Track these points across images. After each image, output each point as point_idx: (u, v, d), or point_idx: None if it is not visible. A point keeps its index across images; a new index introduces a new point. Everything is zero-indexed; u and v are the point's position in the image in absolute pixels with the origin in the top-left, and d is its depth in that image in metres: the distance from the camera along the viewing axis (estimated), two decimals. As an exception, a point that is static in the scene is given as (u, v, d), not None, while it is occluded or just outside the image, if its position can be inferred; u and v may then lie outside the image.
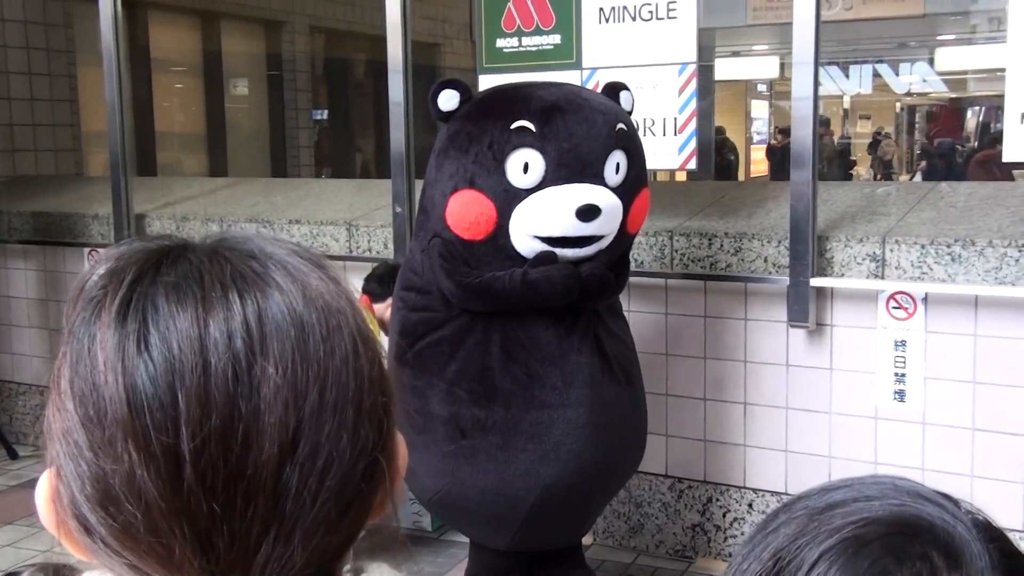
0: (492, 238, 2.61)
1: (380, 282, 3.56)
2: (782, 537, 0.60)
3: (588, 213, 2.57)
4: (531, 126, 2.58)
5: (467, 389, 2.67)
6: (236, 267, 0.65)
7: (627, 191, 2.70)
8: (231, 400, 0.61)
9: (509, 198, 2.58)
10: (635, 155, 2.74)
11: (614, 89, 2.85)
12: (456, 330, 2.71)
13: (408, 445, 0.73)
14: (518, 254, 2.63)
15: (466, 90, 2.72)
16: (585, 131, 2.61)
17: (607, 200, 2.61)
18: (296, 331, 0.64)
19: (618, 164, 2.67)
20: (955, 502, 0.62)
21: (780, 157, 13.23)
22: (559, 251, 2.62)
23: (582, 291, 2.65)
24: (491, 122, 2.62)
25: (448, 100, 2.70)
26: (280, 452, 0.61)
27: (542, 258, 2.62)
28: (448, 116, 2.71)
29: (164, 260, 0.66)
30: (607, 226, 2.64)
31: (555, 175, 2.58)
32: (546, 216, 2.58)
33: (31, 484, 4.13)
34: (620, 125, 2.69)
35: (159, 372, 0.61)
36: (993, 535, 0.60)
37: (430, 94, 2.72)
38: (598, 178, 2.63)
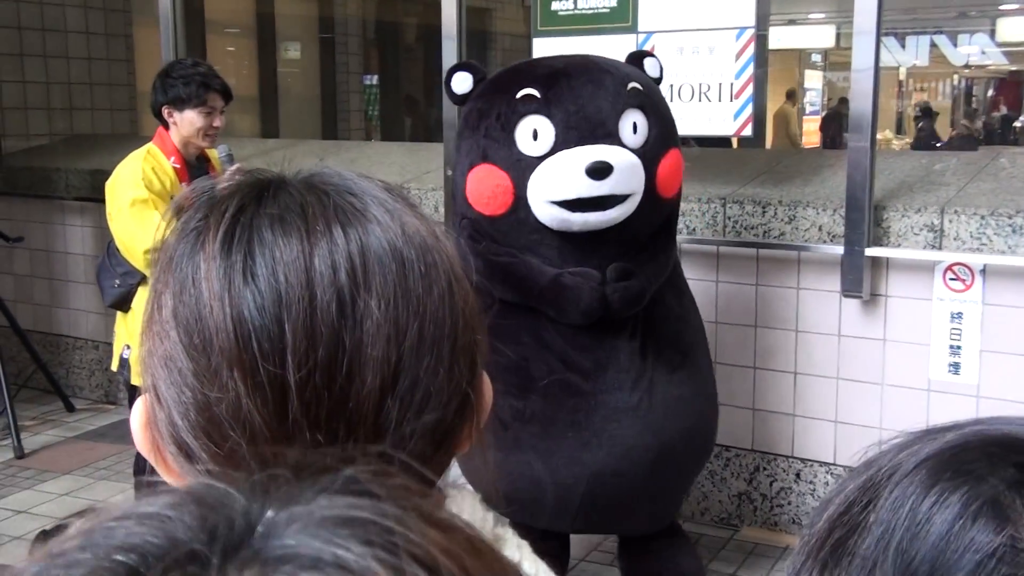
0: (513, 211, 2.60)
1: None
2: (873, 468, 0.56)
3: (599, 172, 2.51)
4: (536, 93, 2.58)
5: (503, 380, 2.64)
6: (336, 201, 0.65)
7: (650, 151, 2.64)
8: (336, 332, 0.61)
9: (523, 168, 2.57)
10: (656, 114, 2.69)
11: (638, 57, 2.84)
12: (487, 319, 2.69)
13: None
14: (541, 225, 2.60)
15: (479, 71, 2.76)
16: (591, 91, 2.59)
17: (621, 158, 2.55)
18: (397, 266, 0.64)
19: (635, 124, 2.62)
20: None
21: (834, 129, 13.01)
22: (581, 216, 2.56)
23: (607, 309, 2.60)
24: (498, 96, 2.65)
25: (461, 83, 2.74)
26: (381, 386, 0.62)
27: (580, 272, 2.60)
28: (464, 99, 2.76)
29: (265, 192, 0.66)
30: (625, 184, 2.57)
31: (565, 139, 2.56)
32: (558, 179, 2.54)
33: (88, 436, 4.20)
34: (633, 84, 2.66)
35: (266, 303, 0.61)
36: None
37: (444, 78, 2.76)
38: (612, 138, 2.59)
